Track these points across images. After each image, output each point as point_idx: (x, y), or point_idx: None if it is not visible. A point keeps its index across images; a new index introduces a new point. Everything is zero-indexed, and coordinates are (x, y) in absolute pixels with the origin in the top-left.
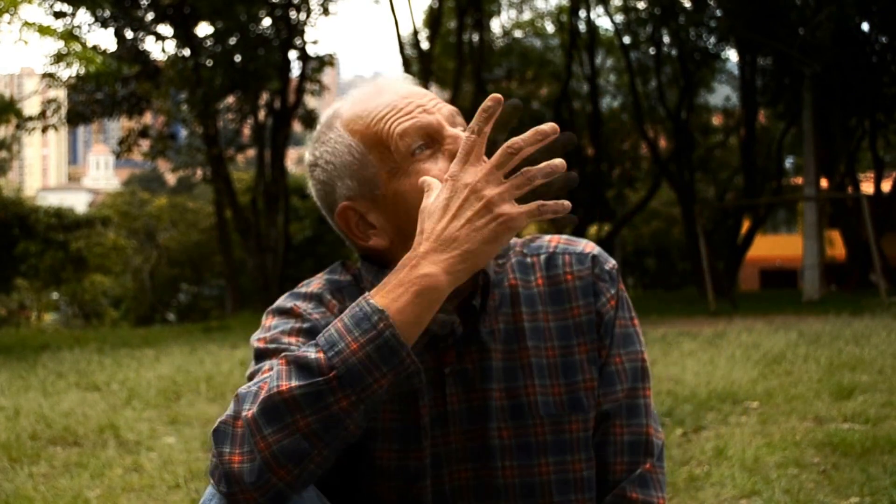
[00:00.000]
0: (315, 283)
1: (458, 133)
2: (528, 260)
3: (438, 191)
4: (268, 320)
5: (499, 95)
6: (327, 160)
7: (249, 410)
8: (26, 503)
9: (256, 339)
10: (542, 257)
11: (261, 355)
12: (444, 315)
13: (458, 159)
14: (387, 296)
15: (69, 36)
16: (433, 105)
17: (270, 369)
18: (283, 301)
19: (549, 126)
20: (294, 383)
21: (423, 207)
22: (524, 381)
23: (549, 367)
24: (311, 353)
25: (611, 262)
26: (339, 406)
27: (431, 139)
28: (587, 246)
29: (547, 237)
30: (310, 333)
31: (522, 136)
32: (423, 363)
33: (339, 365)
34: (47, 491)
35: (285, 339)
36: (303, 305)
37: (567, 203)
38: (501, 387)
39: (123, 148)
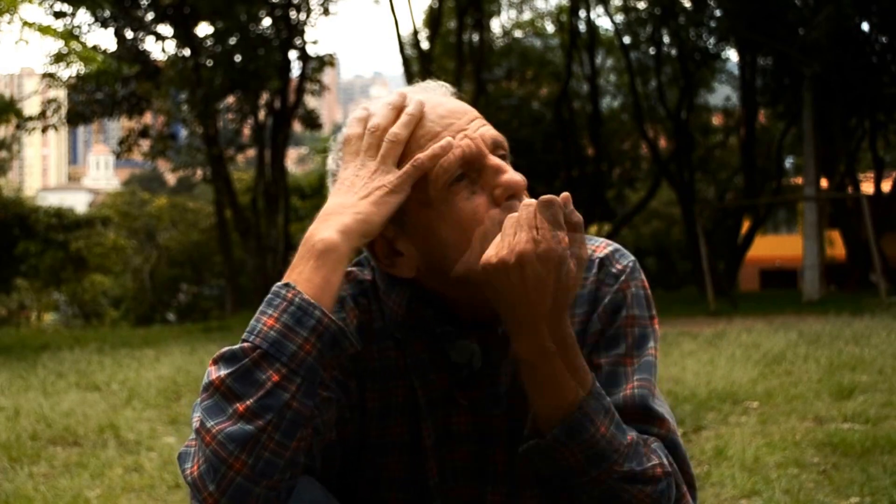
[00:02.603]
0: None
1: (499, 163)
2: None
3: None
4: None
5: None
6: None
7: (198, 416)
8: (26, 503)
9: None
10: None
11: None
12: (465, 342)
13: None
14: (291, 272)
15: (69, 36)
16: (475, 129)
17: None
18: None
19: (398, 97)
20: (223, 372)
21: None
22: (520, 403)
23: None
24: (237, 345)
25: (621, 263)
26: (272, 381)
27: (470, 168)
28: (598, 248)
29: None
30: None
31: (377, 115)
32: (430, 386)
33: (260, 341)
34: (47, 491)
35: None
36: None
37: (445, 141)
38: (500, 411)
39: (123, 148)
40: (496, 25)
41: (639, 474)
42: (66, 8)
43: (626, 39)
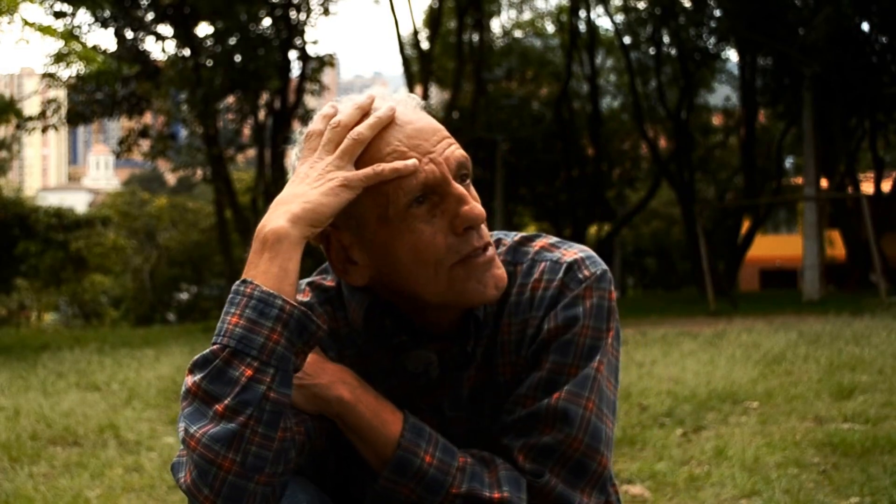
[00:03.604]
0: (304, 291)
1: (461, 192)
2: (511, 269)
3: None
4: None
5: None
6: None
7: (183, 425)
8: (26, 503)
9: None
10: (524, 265)
11: None
12: (422, 351)
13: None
14: (248, 269)
15: (69, 36)
16: (441, 151)
17: None
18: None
19: (366, 99)
20: (198, 377)
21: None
22: (480, 406)
23: (504, 385)
24: (208, 349)
25: (590, 270)
26: (246, 376)
27: (431, 192)
28: (568, 252)
29: (537, 240)
30: None
31: (342, 111)
32: (392, 391)
33: (227, 339)
34: (47, 491)
35: None
36: None
37: (411, 162)
38: (464, 415)
39: (123, 148)
40: (496, 25)
41: (482, 497)
42: (66, 8)
43: (626, 39)
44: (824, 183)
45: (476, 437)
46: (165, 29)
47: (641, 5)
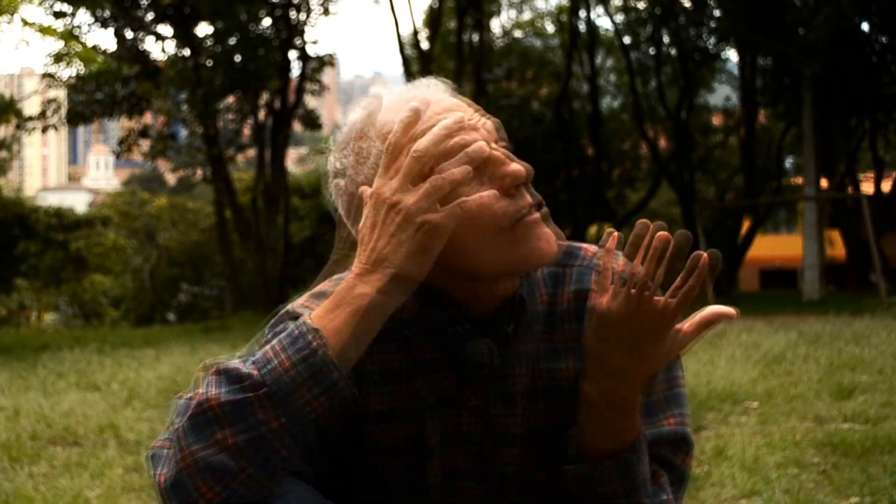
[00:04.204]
0: (327, 282)
1: (504, 151)
2: (561, 270)
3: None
4: (280, 326)
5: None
6: (357, 171)
7: (180, 424)
8: (26, 503)
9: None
10: (575, 269)
11: None
12: (480, 340)
13: (379, 174)
14: (324, 316)
15: (69, 36)
16: (476, 120)
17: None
18: (305, 303)
19: (451, 120)
20: (223, 394)
21: (360, 226)
22: (539, 405)
23: (566, 389)
24: (245, 368)
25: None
26: (269, 426)
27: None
28: (622, 263)
29: (585, 245)
30: None
31: (426, 137)
32: (439, 384)
33: (270, 381)
34: (47, 491)
35: None
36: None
37: (486, 194)
38: (516, 412)
39: (123, 148)
40: (496, 25)
41: None
42: (66, 8)
43: (626, 39)
44: (824, 183)
45: (531, 441)
46: (165, 29)
47: (641, 5)
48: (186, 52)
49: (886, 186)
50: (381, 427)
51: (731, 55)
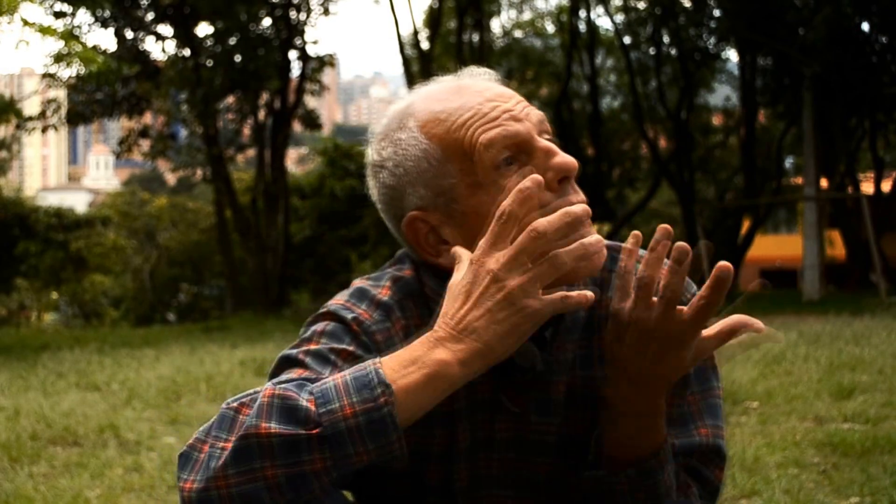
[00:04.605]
0: (384, 287)
1: (549, 145)
2: (601, 274)
3: (465, 270)
4: (320, 324)
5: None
6: (397, 163)
7: (226, 441)
8: (26, 503)
9: (299, 348)
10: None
11: (296, 364)
12: (525, 344)
13: (485, 240)
14: (398, 370)
15: (69, 36)
16: (521, 110)
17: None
18: (345, 303)
19: (580, 209)
20: (273, 426)
21: (450, 284)
22: (576, 413)
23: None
24: (302, 400)
25: (689, 291)
26: (313, 466)
27: (519, 151)
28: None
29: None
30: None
31: (549, 219)
32: (476, 388)
33: (327, 424)
34: (47, 491)
35: (332, 358)
36: (367, 318)
37: (590, 294)
38: (554, 420)
39: (123, 148)
40: (496, 25)
41: None
42: (66, 8)
43: (626, 39)
44: (824, 183)
45: (566, 449)
46: (165, 29)
47: (641, 5)
48: (186, 52)
49: (886, 186)
50: (417, 431)
51: (731, 55)
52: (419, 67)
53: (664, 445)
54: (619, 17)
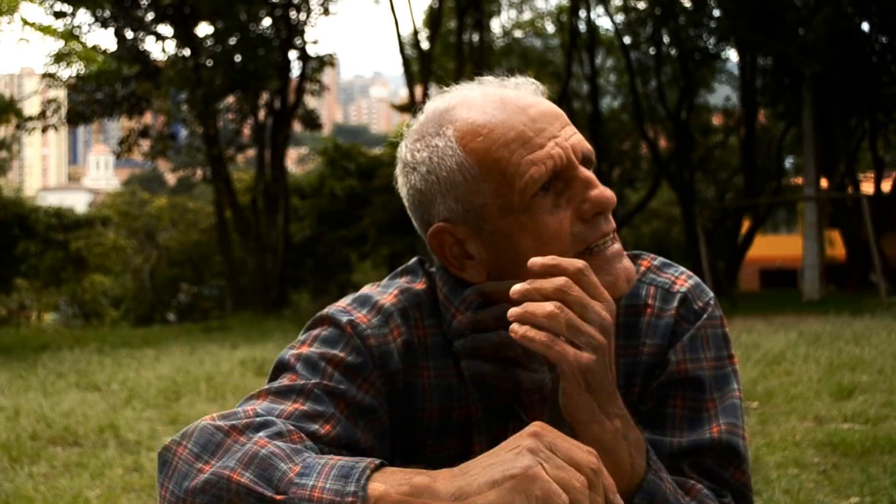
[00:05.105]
0: (390, 295)
1: (589, 176)
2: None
3: (518, 439)
4: (317, 329)
5: None
6: (430, 169)
7: (205, 464)
8: (26, 503)
9: (292, 351)
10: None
11: (288, 369)
12: (535, 374)
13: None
14: (386, 480)
15: (69, 36)
16: (565, 135)
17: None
18: (345, 307)
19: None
20: (246, 478)
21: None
22: None
23: None
24: (287, 463)
25: (703, 300)
26: None
27: (558, 178)
28: (678, 280)
29: (641, 260)
30: (356, 371)
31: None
32: (492, 398)
33: (293, 496)
34: (47, 491)
35: (322, 365)
36: (363, 322)
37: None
38: (566, 431)
39: (123, 148)
40: (496, 25)
41: None
42: (66, 8)
43: (626, 39)
44: (824, 183)
45: None
46: (165, 29)
47: (641, 5)
48: (186, 52)
49: (886, 186)
50: (438, 440)
51: (731, 55)
52: (419, 67)
53: (650, 459)
54: (619, 17)
